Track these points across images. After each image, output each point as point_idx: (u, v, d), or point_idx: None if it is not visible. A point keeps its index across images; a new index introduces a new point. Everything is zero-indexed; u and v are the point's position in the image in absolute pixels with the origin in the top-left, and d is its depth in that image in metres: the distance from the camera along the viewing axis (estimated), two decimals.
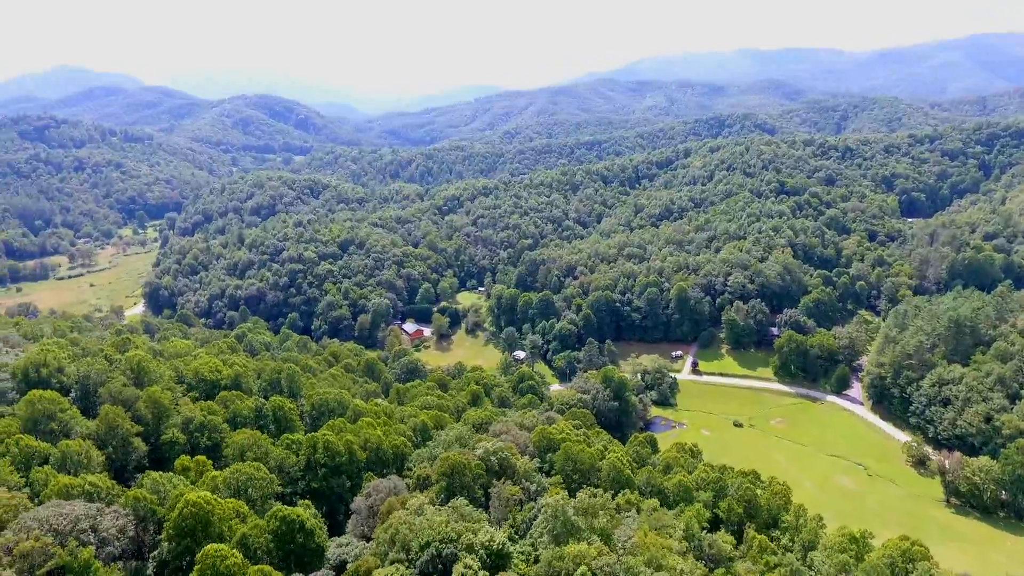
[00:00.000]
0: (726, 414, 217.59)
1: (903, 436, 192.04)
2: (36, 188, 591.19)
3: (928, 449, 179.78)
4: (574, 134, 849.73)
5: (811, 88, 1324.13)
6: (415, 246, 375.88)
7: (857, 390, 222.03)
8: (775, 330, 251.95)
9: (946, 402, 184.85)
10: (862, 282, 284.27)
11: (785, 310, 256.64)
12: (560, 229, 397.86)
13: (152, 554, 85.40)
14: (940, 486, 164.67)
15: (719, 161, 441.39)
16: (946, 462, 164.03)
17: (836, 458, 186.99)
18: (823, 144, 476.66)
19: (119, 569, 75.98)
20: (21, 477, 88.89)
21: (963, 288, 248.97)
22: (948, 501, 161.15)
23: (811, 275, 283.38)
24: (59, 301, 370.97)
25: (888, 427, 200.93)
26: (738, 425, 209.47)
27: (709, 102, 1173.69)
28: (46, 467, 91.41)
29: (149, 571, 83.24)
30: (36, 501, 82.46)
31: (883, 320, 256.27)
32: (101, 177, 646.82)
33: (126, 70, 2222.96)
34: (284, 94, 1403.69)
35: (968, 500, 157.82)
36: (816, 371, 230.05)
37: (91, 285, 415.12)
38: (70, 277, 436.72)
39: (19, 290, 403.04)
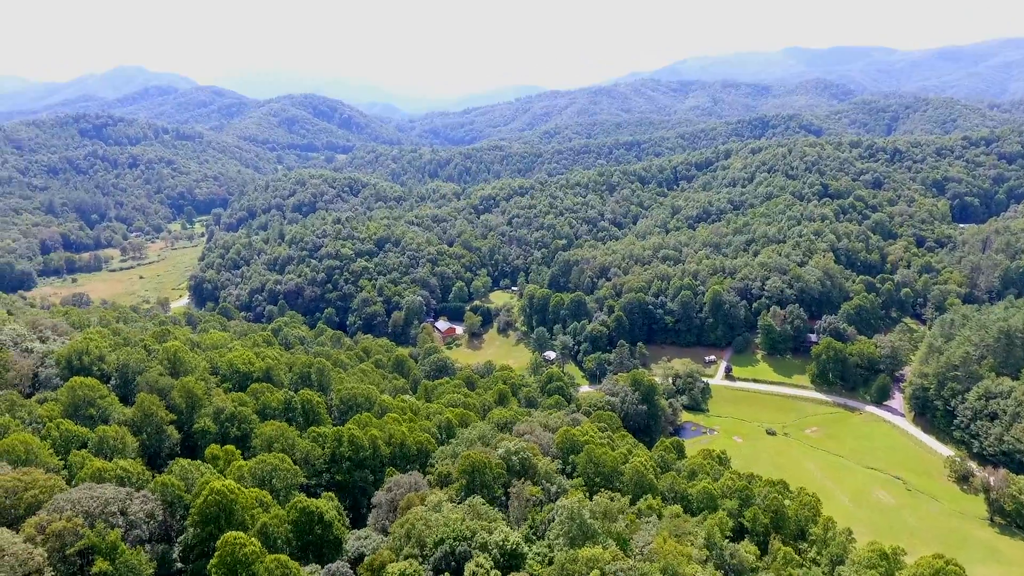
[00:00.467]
0: (759, 421, 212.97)
1: (946, 450, 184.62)
2: (93, 183, 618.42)
3: (972, 465, 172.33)
4: (613, 134, 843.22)
5: (861, 88, 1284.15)
6: (450, 245, 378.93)
7: (898, 401, 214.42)
8: (813, 337, 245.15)
9: (993, 416, 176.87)
10: (907, 289, 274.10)
11: (824, 316, 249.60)
12: (595, 230, 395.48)
13: (179, 539, 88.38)
14: (984, 504, 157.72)
15: (760, 163, 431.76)
16: (991, 479, 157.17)
17: (873, 471, 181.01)
18: (871, 146, 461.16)
19: (146, 551, 78.63)
20: (60, 460, 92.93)
21: (1016, 298, 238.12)
22: (992, 520, 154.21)
23: (853, 281, 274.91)
24: (110, 292, 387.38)
25: (930, 440, 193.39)
26: (771, 433, 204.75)
27: (754, 103, 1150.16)
28: (83, 451, 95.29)
29: (175, 555, 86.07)
30: (73, 483, 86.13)
31: (929, 329, 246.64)
32: (153, 173, 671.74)
33: (180, 70, 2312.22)
34: (329, 94, 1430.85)
35: (1014, 520, 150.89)
36: (855, 380, 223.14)
37: (140, 277, 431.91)
38: (121, 269, 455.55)
39: (74, 280, 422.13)
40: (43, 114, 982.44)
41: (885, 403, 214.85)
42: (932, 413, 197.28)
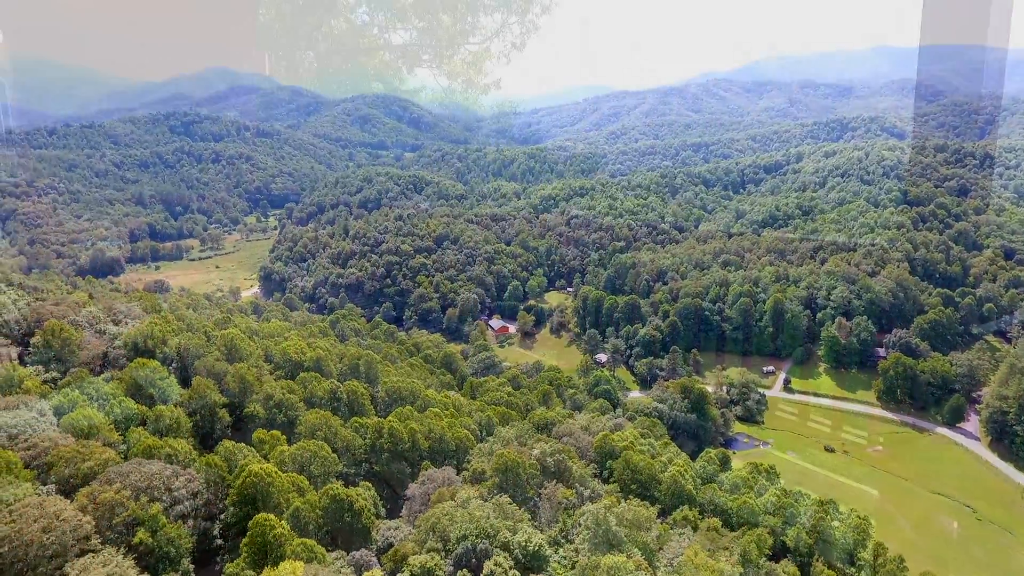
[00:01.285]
0: (817, 437, 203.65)
1: None
2: (179, 177, 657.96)
3: None
4: (681, 135, 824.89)
5: (954, 89, 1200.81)
6: (507, 244, 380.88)
7: (973, 423, 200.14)
8: (881, 351, 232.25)
9: None
10: (991, 304, 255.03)
11: (895, 330, 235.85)
12: (654, 233, 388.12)
13: (221, 517, 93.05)
14: None
15: (834, 166, 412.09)
16: None
17: (940, 496, 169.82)
18: (958, 150, 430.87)
19: (187, 527, 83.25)
20: (120, 435, 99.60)
21: None
22: None
23: (929, 293, 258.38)
24: (189, 280, 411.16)
25: (1007, 468, 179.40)
26: (830, 450, 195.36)
27: (834, 104, 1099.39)
28: (141, 428, 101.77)
29: (216, 532, 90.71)
30: (127, 459, 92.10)
31: (1013, 348, 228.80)
32: (233, 169, 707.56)
33: (265, 70, 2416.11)
34: (401, 93, 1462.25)
35: None
36: (926, 399, 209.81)
37: (217, 267, 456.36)
38: (200, 259, 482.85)
39: (157, 268, 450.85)
40: (139, 111, 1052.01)
41: (958, 425, 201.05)
42: (1011, 439, 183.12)
